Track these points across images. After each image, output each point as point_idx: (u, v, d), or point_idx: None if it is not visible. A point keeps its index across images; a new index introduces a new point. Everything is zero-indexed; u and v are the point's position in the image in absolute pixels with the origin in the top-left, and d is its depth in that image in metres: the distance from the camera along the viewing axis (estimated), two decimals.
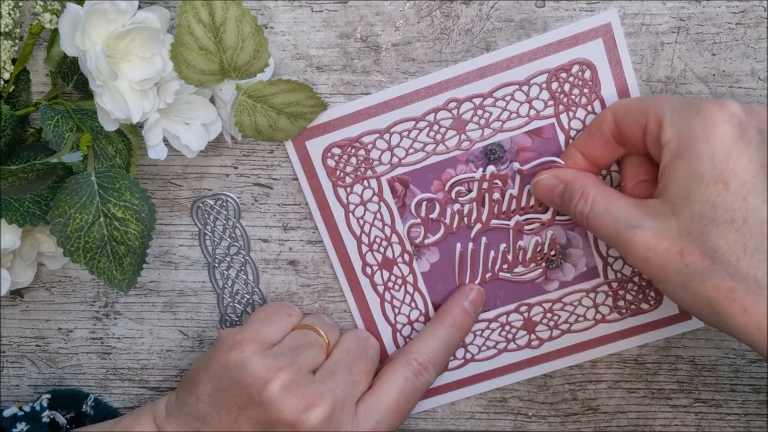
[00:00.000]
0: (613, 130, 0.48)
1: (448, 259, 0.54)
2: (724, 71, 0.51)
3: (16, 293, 0.57)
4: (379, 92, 0.52)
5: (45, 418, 0.55)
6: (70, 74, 0.50)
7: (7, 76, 0.49)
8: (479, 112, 0.52)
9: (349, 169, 0.53)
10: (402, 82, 0.52)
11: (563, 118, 0.52)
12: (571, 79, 0.51)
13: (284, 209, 0.54)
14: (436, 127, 0.52)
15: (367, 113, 0.52)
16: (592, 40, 0.50)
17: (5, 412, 0.54)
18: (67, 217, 0.46)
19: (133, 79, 0.46)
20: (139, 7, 0.46)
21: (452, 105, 0.52)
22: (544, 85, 0.51)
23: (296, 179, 0.54)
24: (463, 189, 0.53)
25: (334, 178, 0.53)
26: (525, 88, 0.51)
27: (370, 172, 0.53)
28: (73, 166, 0.47)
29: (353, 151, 0.53)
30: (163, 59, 0.46)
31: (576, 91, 0.51)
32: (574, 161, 0.50)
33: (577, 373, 0.57)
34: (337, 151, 0.53)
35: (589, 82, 0.51)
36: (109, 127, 0.47)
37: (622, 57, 0.51)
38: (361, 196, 0.53)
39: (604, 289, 0.55)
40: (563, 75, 0.51)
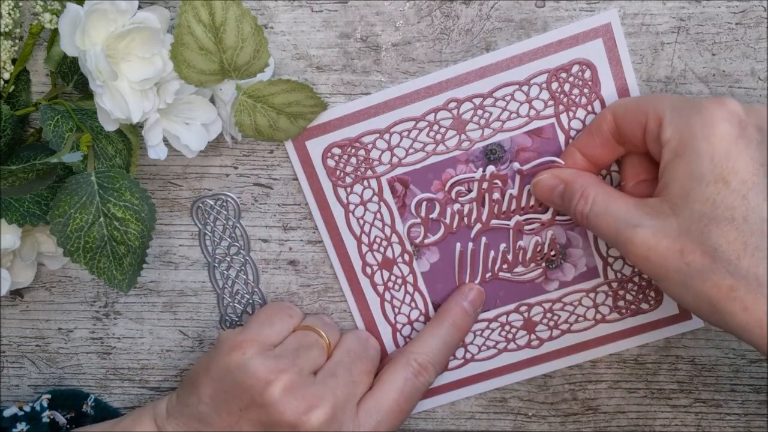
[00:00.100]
0: (613, 129, 0.48)
1: (448, 259, 0.54)
2: (724, 71, 0.51)
3: (16, 293, 0.57)
4: (379, 92, 0.52)
5: (45, 419, 0.54)
6: (70, 74, 0.50)
7: (7, 76, 0.49)
8: (479, 112, 0.52)
9: (349, 169, 0.53)
10: (402, 82, 0.52)
11: (563, 118, 0.52)
12: (571, 79, 0.51)
13: (284, 209, 0.54)
14: (436, 127, 0.52)
15: (367, 113, 0.52)
16: (592, 40, 0.50)
17: (5, 412, 0.54)
18: (67, 217, 0.46)
19: (133, 79, 0.46)
20: (139, 7, 0.46)
21: (452, 105, 0.52)
22: (544, 85, 0.51)
23: (296, 179, 0.54)
24: (463, 189, 0.53)
25: (334, 178, 0.53)
26: (525, 88, 0.51)
27: (370, 172, 0.53)
28: (73, 166, 0.47)
29: (353, 151, 0.53)
30: (163, 59, 0.46)
31: (576, 91, 0.51)
32: (574, 161, 0.50)
33: (577, 373, 0.56)
34: (337, 151, 0.53)
35: (589, 82, 0.51)
36: (109, 127, 0.47)
37: (622, 57, 0.51)
38: (361, 196, 0.53)
39: (604, 289, 0.55)
40: (563, 75, 0.51)
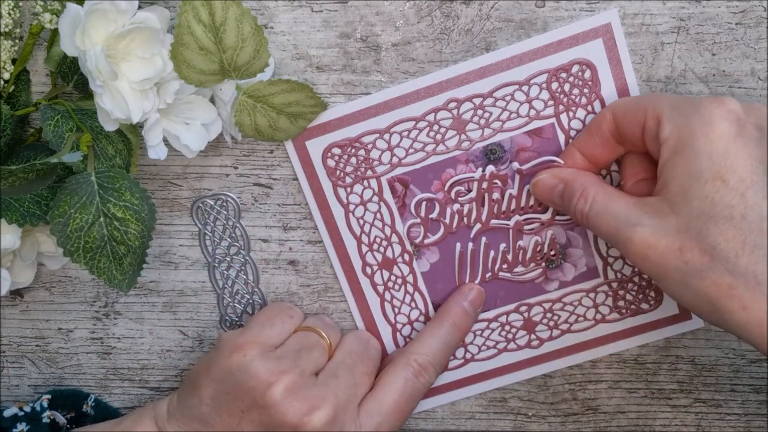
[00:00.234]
0: (613, 128, 0.48)
1: (448, 259, 0.54)
2: (724, 71, 0.51)
3: (16, 293, 0.57)
4: (379, 92, 0.52)
5: (45, 419, 0.54)
6: (70, 74, 0.50)
7: (7, 76, 0.49)
8: (479, 112, 0.52)
9: (349, 169, 0.53)
10: (402, 82, 0.52)
11: (563, 118, 0.52)
12: (571, 79, 0.51)
13: (284, 209, 0.54)
14: (436, 127, 0.52)
15: (367, 113, 0.52)
16: (592, 40, 0.50)
17: (5, 413, 0.54)
18: (67, 217, 0.46)
19: (133, 79, 0.46)
20: (139, 7, 0.46)
21: (452, 105, 0.52)
22: (544, 85, 0.51)
23: (296, 179, 0.54)
24: (462, 189, 0.53)
25: (334, 178, 0.53)
26: (525, 88, 0.51)
27: (370, 172, 0.53)
28: (73, 166, 0.47)
29: (353, 151, 0.53)
30: (163, 59, 0.46)
31: (576, 91, 0.51)
32: (573, 161, 0.50)
33: (577, 373, 0.56)
34: (337, 151, 0.53)
35: (589, 82, 0.51)
36: (109, 127, 0.47)
37: (622, 57, 0.51)
38: (361, 196, 0.53)
39: (604, 289, 0.55)
40: (563, 75, 0.51)
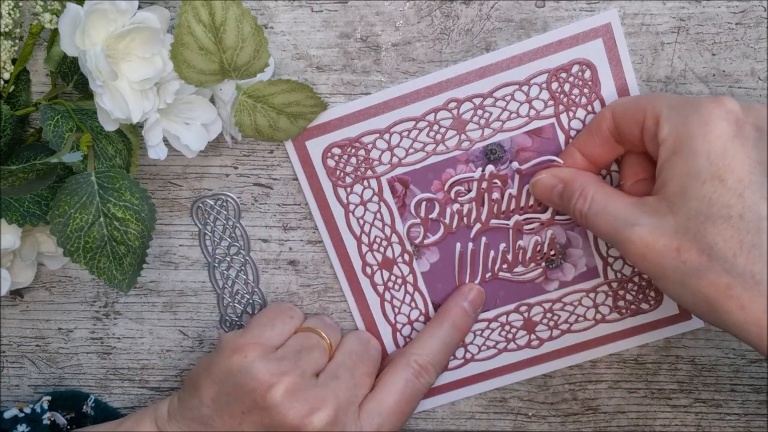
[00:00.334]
0: (612, 128, 0.48)
1: (448, 259, 0.54)
2: (724, 71, 0.51)
3: (16, 293, 0.57)
4: (379, 92, 0.52)
5: (46, 420, 0.54)
6: (70, 74, 0.50)
7: (7, 76, 0.49)
8: (479, 112, 0.52)
9: (349, 169, 0.53)
10: (402, 82, 0.52)
11: (563, 118, 0.52)
12: (571, 79, 0.51)
13: (284, 209, 0.54)
14: (436, 127, 0.52)
15: (367, 113, 0.52)
16: (592, 40, 0.50)
17: (6, 414, 0.54)
18: (67, 217, 0.46)
19: (133, 79, 0.46)
20: (139, 7, 0.46)
21: (452, 105, 0.52)
22: (544, 85, 0.51)
23: (296, 179, 0.54)
24: (462, 189, 0.53)
25: (334, 178, 0.53)
26: (525, 88, 0.51)
27: (370, 172, 0.53)
28: (73, 166, 0.47)
29: (353, 151, 0.53)
30: (163, 59, 0.46)
31: (576, 91, 0.51)
32: (573, 160, 0.50)
33: (577, 373, 0.56)
34: (337, 151, 0.53)
35: (589, 82, 0.51)
36: (109, 127, 0.47)
37: (622, 57, 0.51)
38: (361, 196, 0.53)
39: (604, 289, 0.55)
40: (563, 75, 0.51)
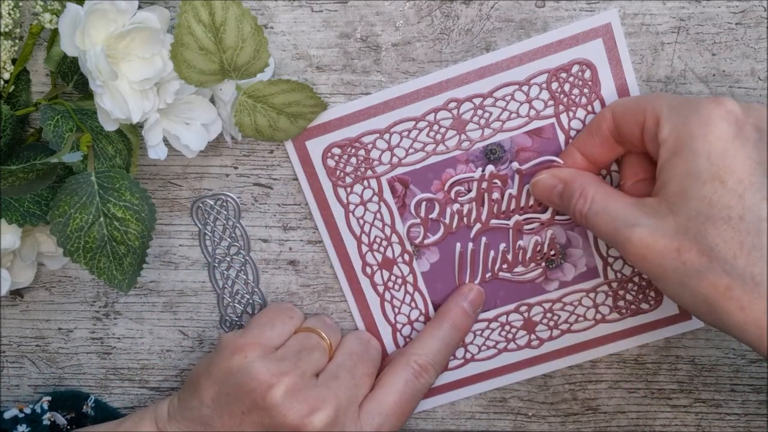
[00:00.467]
0: (612, 128, 0.48)
1: (448, 259, 0.54)
2: (724, 71, 0.51)
3: (16, 293, 0.57)
4: (379, 92, 0.52)
5: (46, 421, 0.54)
6: (70, 74, 0.50)
7: (7, 76, 0.49)
8: (479, 112, 0.52)
9: (349, 169, 0.53)
10: (402, 82, 0.52)
11: (563, 118, 0.52)
12: (571, 79, 0.51)
13: (284, 209, 0.54)
14: (436, 127, 0.52)
15: (367, 113, 0.52)
16: (592, 40, 0.50)
17: (6, 414, 0.54)
18: (67, 217, 0.46)
19: (133, 79, 0.46)
20: (139, 7, 0.46)
21: (452, 105, 0.52)
22: (544, 85, 0.51)
23: (296, 179, 0.54)
24: (462, 189, 0.53)
25: (334, 178, 0.53)
26: (525, 88, 0.51)
27: (370, 172, 0.53)
28: (73, 166, 0.47)
29: (353, 151, 0.53)
30: (163, 59, 0.46)
31: (576, 91, 0.51)
32: (573, 161, 0.50)
33: (577, 373, 0.56)
34: (337, 151, 0.53)
35: (589, 82, 0.51)
36: (109, 127, 0.47)
37: (622, 57, 0.51)
38: (361, 196, 0.53)
39: (604, 289, 0.55)
40: (563, 75, 0.51)
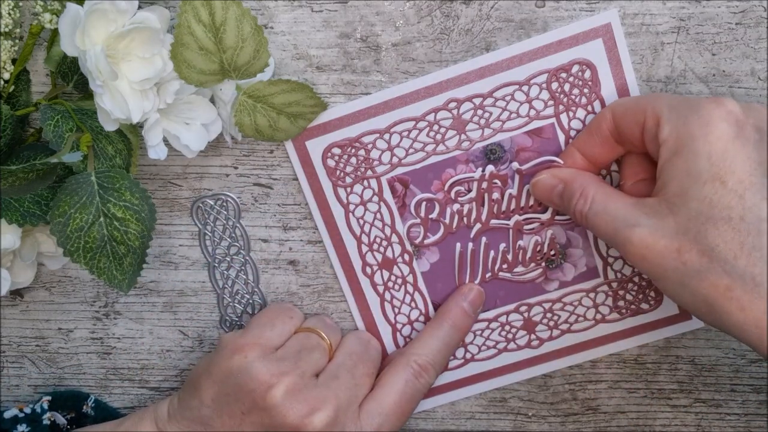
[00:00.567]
0: (612, 128, 0.48)
1: (448, 259, 0.54)
2: (724, 71, 0.51)
3: (16, 293, 0.57)
4: (379, 92, 0.52)
5: (46, 421, 0.54)
6: (70, 74, 0.50)
7: (7, 76, 0.49)
8: (479, 112, 0.52)
9: (349, 169, 0.53)
10: (402, 82, 0.52)
11: (563, 118, 0.52)
12: (571, 79, 0.51)
13: (284, 209, 0.54)
14: (436, 127, 0.52)
15: (367, 113, 0.52)
16: (592, 40, 0.50)
17: (6, 414, 0.54)
18: (67, 217, 0.46)
19: (133, 79, 0.46)
20: (139, 7, 0.46)
21: (452, 105, 0.52)
22: (544, 85, 0.51)
23: (296, 179, 0.54)
24: (462, 189, 0.53)
25: (334, 178, 0.53)
26: (525, 88, 0.51)
27: (370, 172, 0.53)
28: (73, 166, 0.47)
29: (353, 151, 0.53)
30: (163, 59, 0.46)
31: (576, 91, 0.51)
32: (573, 161, 0.50)
33: (577, 373, 0.56)
34: (337, 151, 0.53)
35: (589, 82, 0.51)
36: (109, 127, 0.47)
37: (622, 57, 0.51)
38: (361, 196, 0.53)
39: (604, 289, 0.55)
40: (563, 75, 0.51)
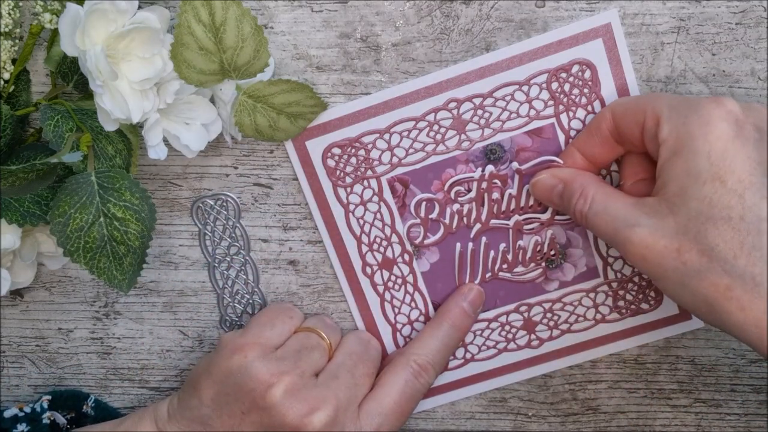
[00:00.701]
0: (612, 128, 0.48)
1: (448, 259, 0.54)
2: (724, 71, 0.51)
3: (16, 293, 0.57)
4: (379, 92, 0.52)
5: (45, 420, 0.54)
6: (70, 74, 0.50)
7: (7, 76, 0.49)
8: (479, 112, 0.52)
9: (349, 169, 0.53)
10: (402, 82, 0.52)
11: (563, 118, 0.52)
12: (571, 79, 0.51)
13: (284, 209, 0.54)
14: (436, 127, 0.52)
15: (367, 113, 0.52)
16: (592, 40, 0.50)
17: (6, 413, 0.54)
18: (67, 217, 0.46)
19: (133, 79, 0.46)
20: (139, 7, 0.46)
21: (452, 105, 0.52)
22: (544, 85, 0.51)
23: (296, 179, 0.54)
24: (462, 189, 0.53)
25: (334, 178, 0.53)
26: (525, 88, 0.51)
27: (370, 172, 0.53)
28: (73, 166, 0.47)
29: (353, 151, 0.53)
30: (163, 59, 0.46)
31: (576, 91, 0.51)
32: (573, 161, 0.50)
33: (577, 373, 0.56)
34: (337, 151, 0.53)
35: (589, 82, 0.51)
36: (109, 127, 0.47)
37: (622, 57, 0.51)
38: (361, 196, 0.53)
39: (604, 289, 0.55)
40: (563, 75, 0.51)
